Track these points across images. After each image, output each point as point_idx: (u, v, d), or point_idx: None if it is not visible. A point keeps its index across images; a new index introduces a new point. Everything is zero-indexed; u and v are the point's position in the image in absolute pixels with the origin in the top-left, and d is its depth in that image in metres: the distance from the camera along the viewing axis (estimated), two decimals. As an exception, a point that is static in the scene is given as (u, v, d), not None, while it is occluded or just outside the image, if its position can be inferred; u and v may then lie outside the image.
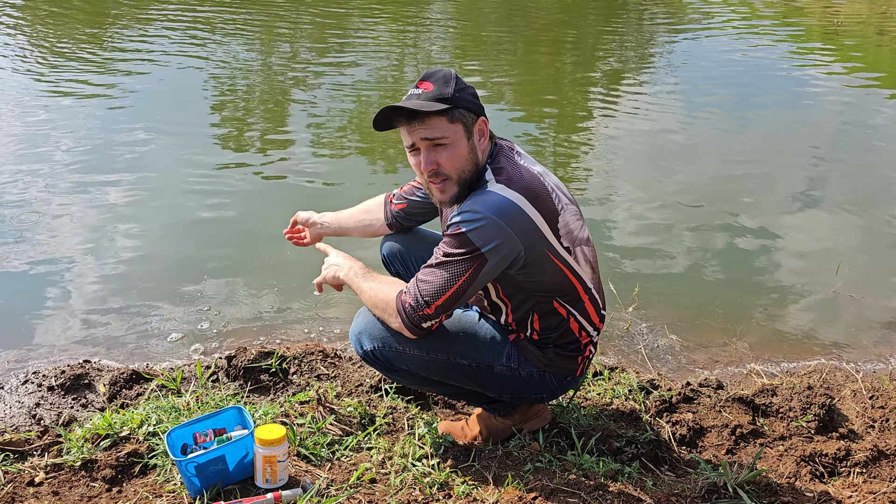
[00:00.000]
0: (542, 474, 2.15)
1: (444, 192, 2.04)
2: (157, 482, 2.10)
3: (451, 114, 1.97)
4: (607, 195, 4.80)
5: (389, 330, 2.11)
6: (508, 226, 1.92)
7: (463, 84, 2.01)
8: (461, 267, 1.95)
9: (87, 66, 7.11)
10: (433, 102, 1.95)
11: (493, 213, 1.91)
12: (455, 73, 2.02)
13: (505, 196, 1.94)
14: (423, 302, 1.99)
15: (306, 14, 10.03)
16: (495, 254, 1.94)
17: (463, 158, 2.00)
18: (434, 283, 1.97)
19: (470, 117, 2.01)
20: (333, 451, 2.27)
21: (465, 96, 2.00)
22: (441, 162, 1.99)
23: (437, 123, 1.97)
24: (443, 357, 2.13)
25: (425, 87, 1.99)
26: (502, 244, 1.93)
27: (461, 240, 1.94)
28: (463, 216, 1.93)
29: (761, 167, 5.34)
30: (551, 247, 2.01)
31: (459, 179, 2.01)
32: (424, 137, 1.98)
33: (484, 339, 2.16)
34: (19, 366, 2.94)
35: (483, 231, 1.91)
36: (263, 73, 7.42)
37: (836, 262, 3.94)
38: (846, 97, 7.24)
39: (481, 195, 1.96)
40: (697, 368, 3.13)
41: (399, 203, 2.46)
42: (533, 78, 7.76)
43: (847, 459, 2.38)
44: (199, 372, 2.75)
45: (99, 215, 4.21)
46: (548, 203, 2.00)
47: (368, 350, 2.17)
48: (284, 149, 5.41)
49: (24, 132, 5.38)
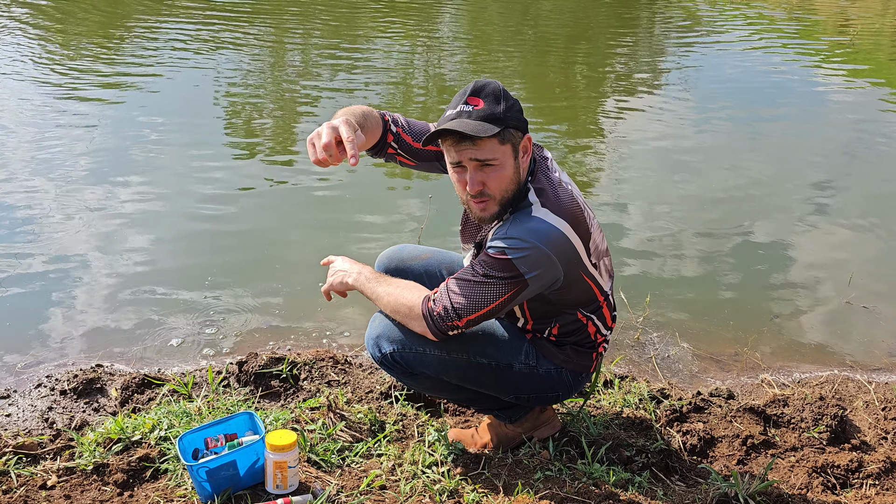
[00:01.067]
0: (553, 483, 2.15)
1: (484, 211, 2.02)
2: (168, 487, 2.11)
3: (503, 135, 1.93)
4: (619, 202, 4.79)
5: (409, 333, 2.11)
6: (554, 254, 1.95)
7: (512, 100, 1.97)
8: (501, 289, 1.96)
9: (98, 70, 7.16)
10: (487, 124, 1.91)
11: (541, 242, 1.93)
12: (502, 86, 1.98)
13: (551, 224, 1.96)
14: (453, 314, 2.00)
15: (317, 21, 10.08)
16: (537, 280, 1.96)
17: (509, 179, 1.98)
18: (469, 298, 1.98)
19: (518, 136, 1.98)
20: (344, 458, 2.27)
21: (514, 114, 1.96)
22: (487, 182, 1.97)
23: (488, 145, 1.93)
24: (463, 357, 2.13)
25: (476, 103, 1.93)
26: (546, 272, 1.96)
27: (505, 265, 1.94)
28: (509, 242, 1.93)
29: (773, 176, 5.33)
30: (584, 267, 2.06)
31: (502, 200, 2.00)
32: (474, 158, 1.94)
33: (502, 337, 2.18)
34: (32, 370, 2.96)
35: (529, 259, 1.93)
36: (273, 79, 7.46)
37: (848, 272, 3.92)
38: (859, 107, 7.21)
39: (527, 221, 1.95)
40: (708, 378, 3.12)
41: (405, 133, 2.22)
42: (544, 84, 7.77)
43: (859, 471, 2.37)
44: (210, 377, 2.77)
45: (111, 220, 4.23)
46: (583, 224, 2.03)
47: (387, 353, 2.16)
48: (295, 155, 5.43)
49: (35, 137, 5.42)
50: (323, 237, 4.18)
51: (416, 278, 2.40)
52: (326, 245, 3.99)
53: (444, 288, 2.02)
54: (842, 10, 12.72)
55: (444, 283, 2.04)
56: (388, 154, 2.27)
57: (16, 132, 5.53)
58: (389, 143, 2.23)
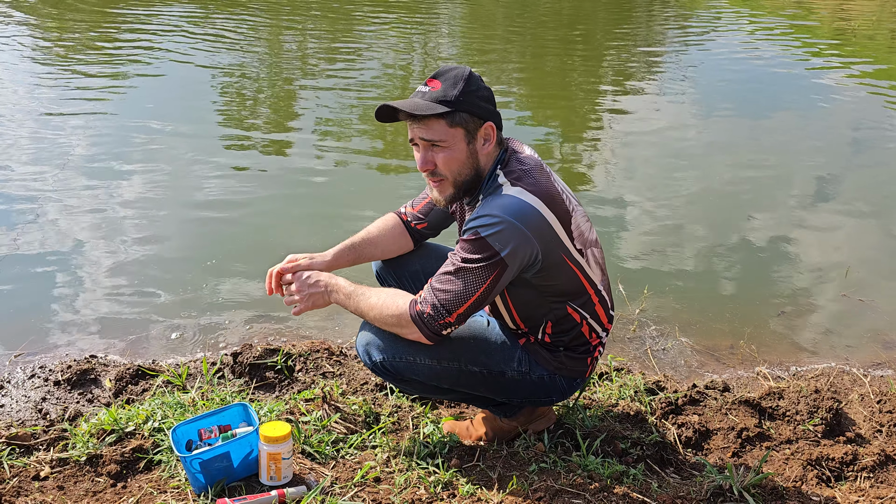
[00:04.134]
0: (547, 475, 2.14)
1: (441, 192, 2.06)
2: (161, 478, 2.10)
3: (452, 118, 1.96)
4: (617, 196, 4.78)
5: (399, 341, 2.08)
6: (527, 228, 1.92)
7: (475, 86, 1.99)
8: (482, 273, 1.94)
9: (96, 63, 7.13)
10: (434, 104, 1.94)
11: (511, 216, 1.91)
12: (470, 72, 1.99)
13: (521, 199, 1.94)
14: (443, 311, 1.97)
15: (315, 16, 10.04)
16: (514, 257, 1.93)
17: (459, 162, 2.00)
18: (454, 291, 1.96)
19: (473, 122, 1.99)
20: (338, 449, 2.26)
21: (472, 100, 1.97)
22: (437, 163, 2.00)
23: (435, 126, 1.96)
24: (454, 365, 2.11)
25: (434, 85, 1.98)
26: (520, 246, 1.92)
27: (479, 245, 1.92)
28: (480, 220, 1.92)
29: (772, 170, 5.33)
30: (566, 249, 2.01)
31: (455, 182, 2.02)
32: (422, 138, 1.99)
33: (494, 344, 2.15)
34: (26, 360, 2.95)
35: (501, 235, 1.90)
36: (273, 71, 7.43)
37: (845, 266, 3.92)
38: (860, 101, 7.20)
39: (497, 198, 1.95)
40: (704, 370, 3.12)
41: (418, 223, 2.40)
42: (542, 78, 7.75)
43: (854, 464, 2.37)
44: (204, 368, 2.76)
45: (107, 212, 4.21)
46: (561, 205, 2.00)
47: (378, 361, 2.14)
48: (292, 147, 5.42)
49: (35, 128, 5.39)
50: (321, 229, 4.16)
51: (413, 275, 2.39)
52: (324, 237, 3.97)
53: (428, 287, 2.00)
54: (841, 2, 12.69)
55: (428, 282, 2.02)
56: (420, 229, 2.41)
57: (14, 121, 5.51)
58: (413, 229, 2.41)
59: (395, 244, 2.41)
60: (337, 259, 2.30)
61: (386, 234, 2.40)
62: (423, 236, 2.44)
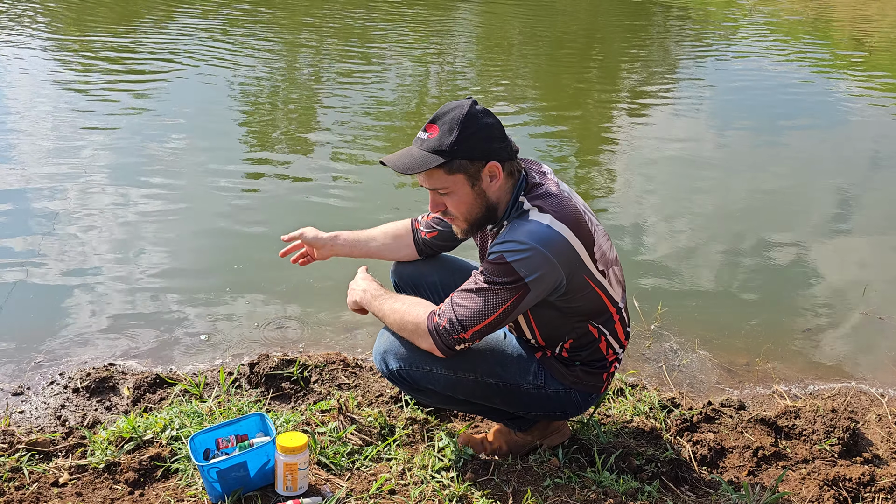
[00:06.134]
0: (562, 490, 2.14)
1: (456, 229, 2.11)
2: (179, 486, 2.12)
3: (449, 166, 1.96)
4: (632, 212, 4.78)
5: (416, 350, 2.10)
6: (553, 256, 1.93)
7: (473, 128, 1.93)
8: (503, 296, 1.95)
9: (116, 71, 7.22)
10: (429, 156, 1.94)
11: (539, 244, 1.92)
12: (468, 112, 1.93)
13: (550, 226, 1.95)
14: (459, 326, 1.98)
15: (331, 30, 10.12)
16: (539, 284, 1.95)
17: (467, 204, 2.02)
18: (473, 308, 1.97)
19: (474, 165, 1.97)
20: (353, 461, 2.27)
21: (471, 144, 1.94)
22: (447, 205, 2.04)
23: (435, 175, 1.98)
24: (470, 376, 2.12)
25: (431, 131, 1.97)
26: (546, 274, 1.94)
27: (505, 269, 1.93)
28: (507, 245, 1.93)
29: (790, 187, 5.31)
30: (589, 272, 2.03)
31: (467, 220, 2.06)
32: (426, 186, 2.03)
33: (511, 357, 2.16)
34: (45, 367, 2.99)
35: (528, 262, 1.92)
36: (293, 80, 7.49)
37: (864, 283, 3.90)
38: (879, 118, 7.17)
39: (525, 224, 1.96)
40: (719, 388, 3.10)
41: (429, 231, 2.42)
42: (556, 93, 7.76)
43: (871, 485, 2.35)
44: (221, 378, 2.78)
45: (127, 221, 4.26)
46: (585, 227, 2.02)
47: (394, 370, 2.16)
48: (311, 158, 5.46)
49: (55, 136, 5.46)
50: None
51: (431, 286, 2.41)
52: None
53: (449, 301, 2.01)
54: (859, 15, 12.64)
55: (449, 296, 2.03)
56: (430, 238, 2.44)
57: (33, 130, 5.58)
58: (421, 237, 2.45)
59: (396, 249, 2.47)
60: (334, 238, 2.47)
61: (391, 237, 2.48)
62: (434, 246, 2.45)
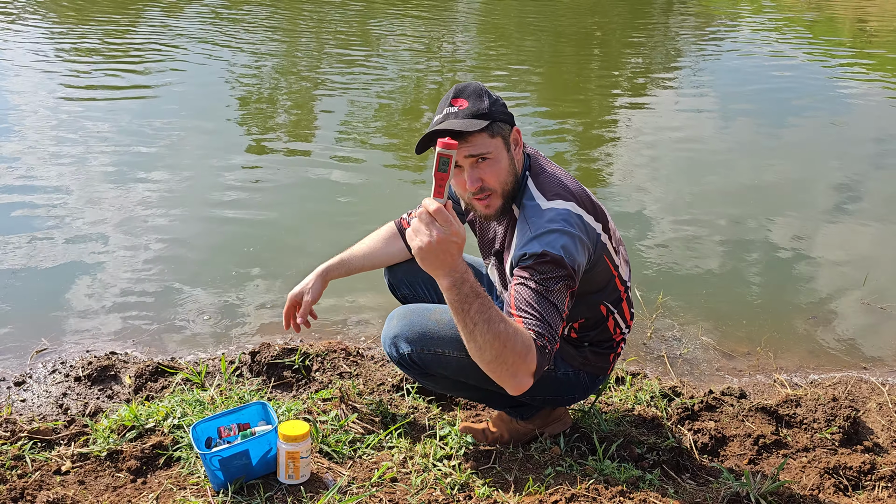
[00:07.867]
0: (563, 479, 2.15)
1: (489, 207, 2.03)
2: (181, 474, 2.12)
3: (492, 129, 1.96)
4: (634, 200, 4.77)
5: (429, 333, 2.09)
6: (585, 237, 1.95)
7: (495, 96, 2.02)
8: (563, 290, 1.88)
9: (116, 61, 7.19)
10: (473, 120, 1.94)
11: (571, 228, 1.92)
12: (483, 85, 2.03)
13: (564, 209, 1.96)
14: (554, 339, 1.86)
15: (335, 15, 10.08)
16: (580, 268, 1.93)
17: (505, 171, 2.00)
18: (555, 314, 1.86)
19: (506, 129, 2.01)
20: (355, 449, 2.28)
21: (499, 108, 2.00)
22: (485, 178, 1.99)
23: (479, 140, 1.95)
24: None
25: (460, 104, 1.98)
26: (581, 255, 1.94)
27: (554, 263, 1.86)
28: (543, 240, 1.89)
29: (792, 176, 5.30)
30: (607, 250, 2.06)
31: (503, 192, 2.02)
32: (469, 155, 1.96)
33: None
34: (47, 356, 2.99)
35: (567, 249, 1.88)
36: (293, 69, 7.47)
37: (864, 273, 3.90)
38: (881, 106, 7.15)
39: (541, 217, 1.95)
40: (721, 376, 3.11)
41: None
42: (558, 81, 7.74)
43: (872, 473, 2.35)
44: (223, 367, 2.78)
45: (128, 210, 4.26)
46: (598, 207, 2.07)
47: (405, 353, 2.14)
48: (313, 145, 5.45)
49: (56, 126, 5.45)
50: (342, 230, 4.15)
51: (426, 281, 2.41)
52: (344, 237, 3.99)
53: (531, 318, 1.84)
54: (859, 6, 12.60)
55: (519, 314, 1.85)
56: None
57: (35, 121, 5.57)
58: None
59: (385, 250, 2.45)
60: (324, 277, 2.42)
61: (376, 241, 2.46)
62: None
